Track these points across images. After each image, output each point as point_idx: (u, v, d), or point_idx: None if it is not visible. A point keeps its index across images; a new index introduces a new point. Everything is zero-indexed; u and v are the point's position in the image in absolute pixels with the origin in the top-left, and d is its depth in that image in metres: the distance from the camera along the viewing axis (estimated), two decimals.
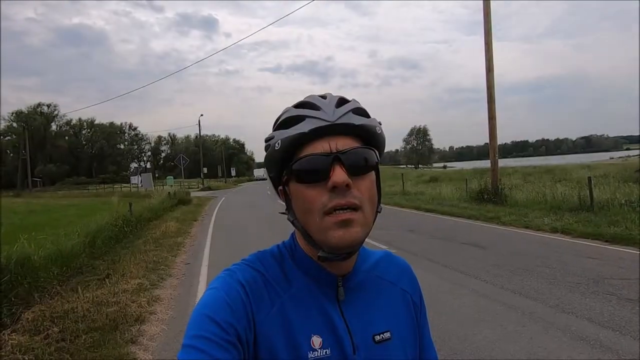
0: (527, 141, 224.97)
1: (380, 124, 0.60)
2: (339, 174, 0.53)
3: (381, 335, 0.60)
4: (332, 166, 0.53)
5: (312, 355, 0.55)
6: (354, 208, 0.53)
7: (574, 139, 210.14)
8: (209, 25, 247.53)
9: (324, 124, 0.55)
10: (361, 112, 0.58)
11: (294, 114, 0.57)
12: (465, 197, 13.31)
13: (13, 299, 4.13)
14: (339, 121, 0.55)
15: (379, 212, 0.59)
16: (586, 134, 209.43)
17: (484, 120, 12.02)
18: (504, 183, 12.55)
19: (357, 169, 0.55)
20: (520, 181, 17.14)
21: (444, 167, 73.08)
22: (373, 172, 0.58)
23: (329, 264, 0.59)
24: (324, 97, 0.59)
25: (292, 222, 0.60)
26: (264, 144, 0.60)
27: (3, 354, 3.15)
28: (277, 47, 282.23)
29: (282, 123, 0.58)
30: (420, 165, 75.42)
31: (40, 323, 3.71)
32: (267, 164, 0.60)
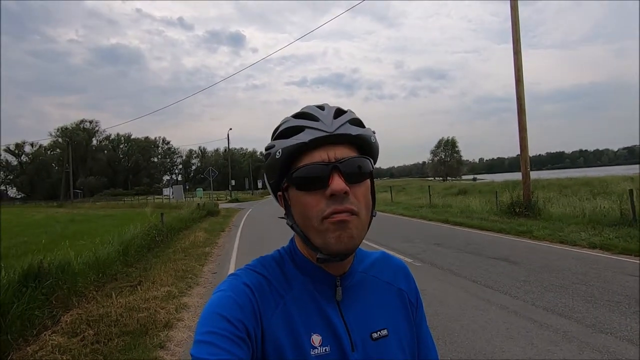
0: (563, 152, 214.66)
1: (375, 133, 0.64)
2: (337, 182, 0.56)
3: (378, 332, 0.62)
4: (331, 174, 0.57)
5: (314, 353, 0.57)
6: (351, 213, 0.57)
7: (615, 149, 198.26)
8: (237, 41, 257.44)
9: (322, 134, 0.58)
10: (357, 122, 0.62)
11: (293, 125, 0.60)
12: (495, 211, 12.85)
13: (54, 302, 4.40)
14: (337, 132, 0.59)
15: (374, 216, 0.63)
16: (629, 145, 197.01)
17: (516, 131, 11.67)
18: (537, 196, 12.03)
19: (354, 177, 0.58)
20: (555, 194, 16.34)
21: (474, 179, 70.78)
22: (368, 180, 0.62)
23: (327, 265, 0.62)
24: (321, 107, 0.63)
25: (291, 227, 0.62)
26: None
27: (44, 353, 3.36)
28: (303, 60, 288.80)
29: (282, 133, 0.61)
30: (448, 178, 73.58)
31: (78, 326, 3.93)
32: (268, 171, 0.63)
